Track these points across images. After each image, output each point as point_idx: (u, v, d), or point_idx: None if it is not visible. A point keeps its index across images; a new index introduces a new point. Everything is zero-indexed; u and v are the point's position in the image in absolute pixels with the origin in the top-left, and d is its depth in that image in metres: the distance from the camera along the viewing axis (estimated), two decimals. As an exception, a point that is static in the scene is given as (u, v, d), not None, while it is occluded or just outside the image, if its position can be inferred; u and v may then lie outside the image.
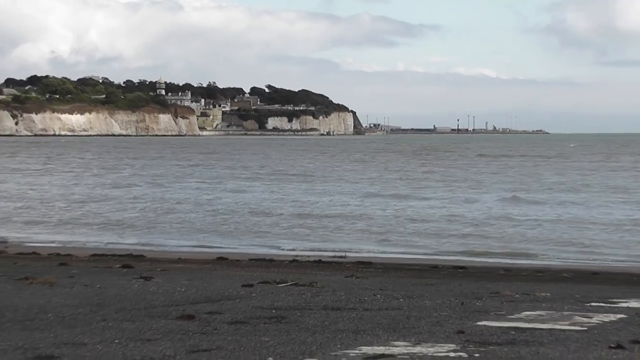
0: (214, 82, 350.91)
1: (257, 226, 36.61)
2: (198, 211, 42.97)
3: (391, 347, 10.33)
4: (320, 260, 25.37)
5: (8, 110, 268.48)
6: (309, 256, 26.87)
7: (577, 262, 27.13)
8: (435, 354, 9.97)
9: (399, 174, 78.21)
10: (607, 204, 46.55)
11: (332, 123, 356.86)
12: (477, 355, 9.96)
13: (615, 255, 28.75)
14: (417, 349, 10.23)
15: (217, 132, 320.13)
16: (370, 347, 10.32)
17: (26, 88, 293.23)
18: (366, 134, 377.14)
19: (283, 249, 29.90)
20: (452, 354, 9.99)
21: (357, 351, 10.10)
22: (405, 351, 10.11)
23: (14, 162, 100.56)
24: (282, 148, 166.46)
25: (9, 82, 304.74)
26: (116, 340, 10.69)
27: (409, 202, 47.41)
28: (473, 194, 52.65)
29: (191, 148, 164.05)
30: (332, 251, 28.61)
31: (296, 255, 26.89)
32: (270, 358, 9.72)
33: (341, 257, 26.81)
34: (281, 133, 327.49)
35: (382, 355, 9.84)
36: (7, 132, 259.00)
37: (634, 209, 43.49)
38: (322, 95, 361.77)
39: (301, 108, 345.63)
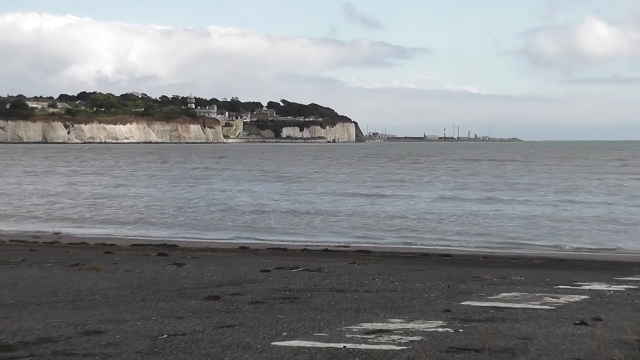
0: (237, 97, 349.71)
1: (260, 222, 36.38)
2: (214, 209, 42.70)
3: (388, 324, 10.31)
4: (327, 249, 25.31)
5: (61, 122, 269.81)
6: (317, 246, 26.78)
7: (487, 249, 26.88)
8: (425, 329, 9.94)
9: (370, 175, 78.10)
10: (527, 201, 46.54)
11: (337, 132, 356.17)
12: (461, 330, 9.93)
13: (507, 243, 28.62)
14: (410, 325, 10.21)
15: (239, 140, 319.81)
16: (370, 324, 10.30)
17: (76, 102, 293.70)
18: (366, 141, 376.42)
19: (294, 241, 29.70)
20: (440, 329, 9.96)
21: (358, 327, 10.08)
22: (400, 327, 10.08)
23: (61, 164, 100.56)
24: (288, 153, 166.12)
25: (62, 97, 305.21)
26: (153, 318, 10.68)
27: (367, 200, 47.22)
28: (415, 192, 52.79)
29: (210, 153, 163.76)
30: (337, 243, 28.44)
31: (306, 245, 26.80)
32: (284, 333, 9.70)
33: (345, 246, 26.72)
34: (294, 140, 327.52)
35: (380, 331, 9.81)
36: (61, 140, 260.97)
37: (551, 205, 43.47)
38: (328, 108, 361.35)
39: (311, 119, 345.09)
